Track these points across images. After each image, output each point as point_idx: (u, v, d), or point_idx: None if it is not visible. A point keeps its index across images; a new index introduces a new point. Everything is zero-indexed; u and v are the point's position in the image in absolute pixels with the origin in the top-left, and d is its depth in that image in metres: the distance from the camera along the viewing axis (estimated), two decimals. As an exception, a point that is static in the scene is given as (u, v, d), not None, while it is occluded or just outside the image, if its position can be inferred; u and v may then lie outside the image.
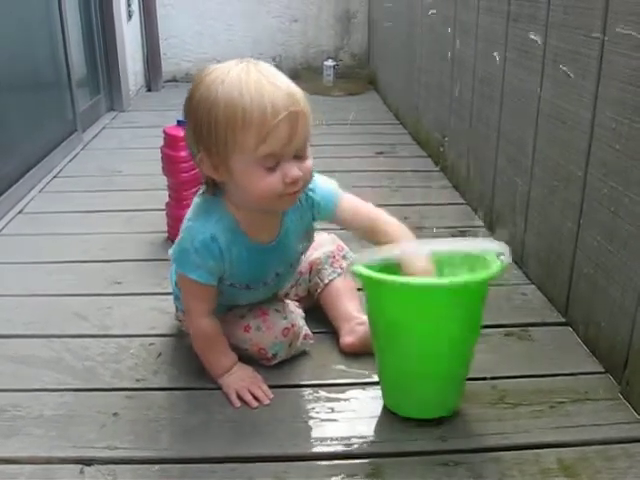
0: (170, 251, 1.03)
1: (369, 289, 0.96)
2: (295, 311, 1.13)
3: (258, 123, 0.88)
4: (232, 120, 0.88)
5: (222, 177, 0.95)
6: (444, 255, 1.00)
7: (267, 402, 1.02)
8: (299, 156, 0.93)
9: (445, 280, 0.93)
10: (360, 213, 1.06)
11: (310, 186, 1.00)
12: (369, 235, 1.06)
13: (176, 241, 1.02)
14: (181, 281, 1.05)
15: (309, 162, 0.95)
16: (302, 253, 1.14)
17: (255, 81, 0.89)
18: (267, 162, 0.90)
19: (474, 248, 0.93)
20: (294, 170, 0.91)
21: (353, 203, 1.07)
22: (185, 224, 1.01)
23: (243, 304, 1.12)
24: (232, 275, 1.03)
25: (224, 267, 1.01)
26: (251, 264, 1.03)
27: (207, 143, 0.92)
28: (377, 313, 0.97)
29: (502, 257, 0.92)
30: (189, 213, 1.02)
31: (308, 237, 1.12)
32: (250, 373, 1.06)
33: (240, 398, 1.02)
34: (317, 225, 1.12)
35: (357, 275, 0.93)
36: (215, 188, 1.00)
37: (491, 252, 0.94)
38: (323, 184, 1.05)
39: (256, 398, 1.02)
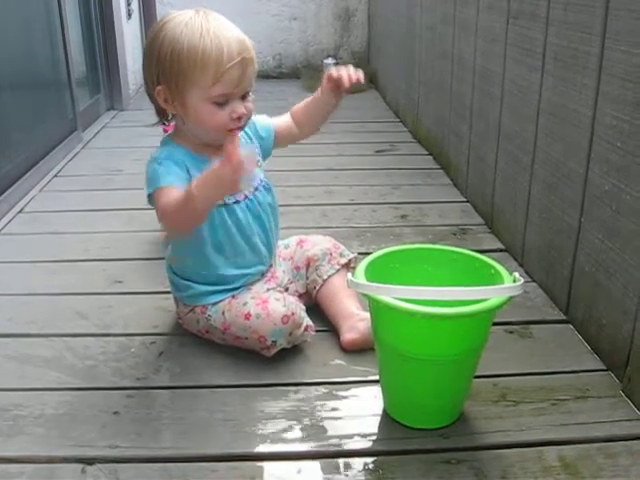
0: (145, 191, 1.08)
1: (378, 308, 0.93)
2: (295, 302, 1.13)
3: (215, 64, 1.02)
4: (192, 59, 1.01)
5: (175, 109, 1.08)
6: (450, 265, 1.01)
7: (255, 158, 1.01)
8: (244, 96, 1.07)
9: (460, 309, 0.86)
10: (284, 119, 1.24)
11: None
12: (298, 124, 1.23)
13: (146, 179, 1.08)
14: (155, 202, 1.05)
15: (251, 103, 1.10)
16: (267, 184, 1.19)
17: (214, 27, 1.03)
18: (218, 99, 1.04)
19: (500, 293, 0.88)
20: (240, 108, 1.06)
21: (280, 120, 1.24)
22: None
23: (238, 254, 1.13)
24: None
25: (188, 173, 1.06)
26: None
27: (167, 77, 1.04)
28: (383, 332, 0.95)
29: (516, 274, 0.91)
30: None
31: (260, 163, 1.20)
32: (218, 170, 0.94)
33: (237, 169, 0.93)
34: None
35: (366, 296, 0.91)
36: (165, 118, 1.13)
37: (503, 269, 0.95)
38: (261, 119, 1.22)
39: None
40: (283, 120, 1.24)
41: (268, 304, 1.10)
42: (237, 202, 1.12)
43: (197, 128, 1.08)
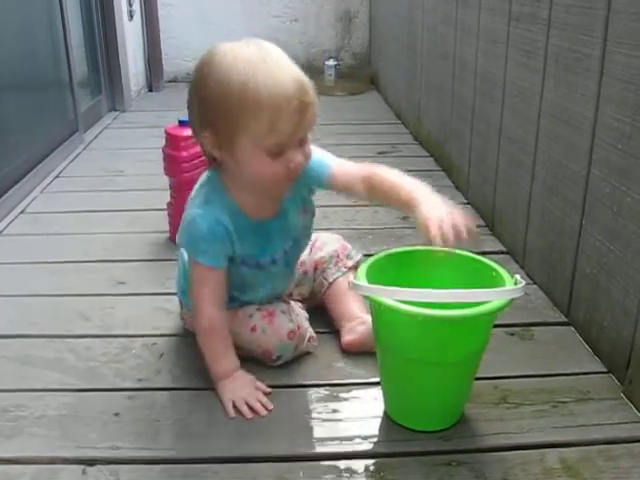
0: (177, 240, 1.05)
1: (379, 310, 0.92)
2: (300, 313, 1.13)
3: (269, 113, 0.89)
4: (244, 107, 0.89)
5: (224, 156, 0.97)
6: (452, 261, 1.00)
7: (264, 413, 0.99)
8: (302, 141, 0.95)
9: (461, 312, 0.87)
10: (351, 174, 1.06)
11: None
12: (365, 192, 1.05)
13: (181, 226, 1.03)
14: (191, 266, 1.04)
15: (310, 146, 0.98)
16: (306, 229, 1.13)
17: (268, 66, 0.90)
18: (273, 149, 0.92)
19: (501, 295, 0.88)
20: (298, 157, 0.95)
21: (342, 168, 1.07)
22: (188, 210, 1.02)
23: (257, 296, 1.11)
24: (241, 252, 1.04)
25: (232, 246, 1.02)
26: (256, 238, 1.04)
27: (215, 124, 0.93)
28: (384, 334, 0.95)
29: (517, 276, 0.91)
30: (192, 198, 1.04)
31: (307, 210, 1.12)
32: (249, 383, 1.03)
33: (235, 407, 1.00)
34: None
35: (368, 298, 0.90)
36: (216, 164, 1.01)
37: (504, 271, 0.95)
38: (314, 158, 1.02)
39: (253, 409, 1.00)
40: (348, 173, 1.06)
41: (274, 318, 1.08)
42: (274, 262, 1.08)
43: (248, 178, 0.98)
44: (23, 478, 0.88)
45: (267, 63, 0.90)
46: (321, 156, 1.06)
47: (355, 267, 1.24)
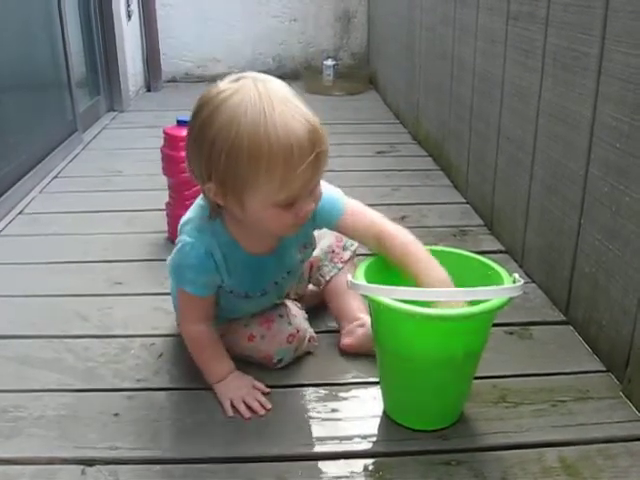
0: (167, 262, 1.03)
1: (378, 310, 0.92)
2: (298, 314, 1.12)
3: (283, 168, 0.84)
4: (255, 163, 0.83)
5: (229, 205, 0.91)
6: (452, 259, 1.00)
7: (262, 412, 0.99)
8: (314, 188, 0.91)
9: (460, 310, 0.88)
10: (362, 229, 1.02)
11: None
12: (373, 248, 1.02)
13: (172, 252, 1.01)
14: (177, 291, 1.05)
15: (320, 188, 0.93)
16: (303, 261, 1.12)
17: (280, 116, 0.83)
18: (283, 202, 0.87)
19: (499, 294, 0.88)
20: (309, 205, 0.90)
21: (355, 217, 1.02)
22: (180, 235, 1.00)
23: (243, 315, 1.10)
24: (230, 283, 1.02)
25: (221, 278, 1.00)
26: (248, 274, 1.03)
27: (221, 177, 0.87)
28: (383, 333, 0.94)
29: (516, 275, 0.91)
30: (186, 220, 1.01)
31: (308, 245, 1.10)
32: (247, 382, 1.03)
33: (234, 407, 1.00)
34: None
35: (366, 298, 0.90)
36: (219, 210, 0.96)
37: (503, 270, 0.95)
38: (326, 197, 0.97)
39: (251, 409, 1.00)
40: (359, 227, 1.02)
41: (273, 323, 1.07)
42: (264, 293, 1.07)
43: (255, 226, 0.95)
44: (22, 478, 0.88)
45: (279, 114, 0.83)
46: (331, 195, 1.00)
47: (352, 258, 1.21)
